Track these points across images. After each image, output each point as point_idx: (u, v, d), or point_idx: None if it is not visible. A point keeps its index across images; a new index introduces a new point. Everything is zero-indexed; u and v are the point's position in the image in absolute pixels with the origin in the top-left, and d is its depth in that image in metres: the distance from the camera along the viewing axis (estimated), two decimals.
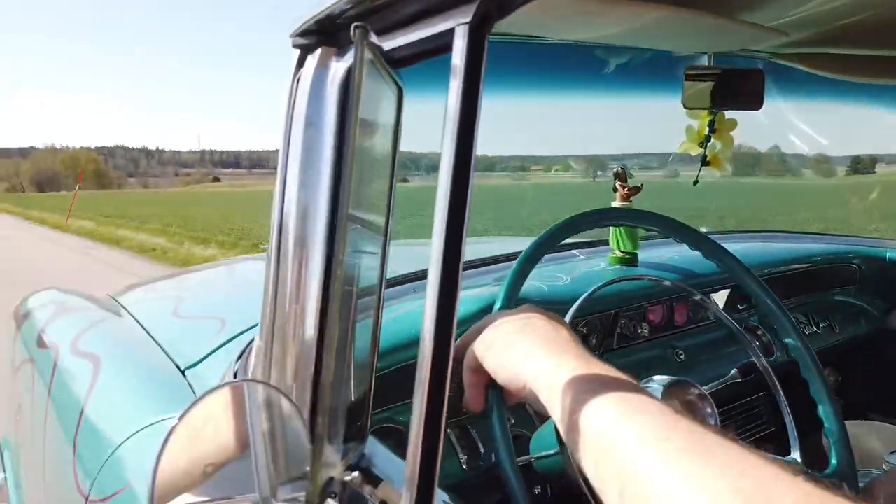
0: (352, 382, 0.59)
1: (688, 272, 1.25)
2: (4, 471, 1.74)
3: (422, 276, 1.15)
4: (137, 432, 0.84)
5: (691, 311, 1.30)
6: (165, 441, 0.46)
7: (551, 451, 0.76)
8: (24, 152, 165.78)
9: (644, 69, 1.21)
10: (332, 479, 0.54)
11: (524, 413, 0.98)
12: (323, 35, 0.63)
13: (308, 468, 0.52)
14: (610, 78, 1.22)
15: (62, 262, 10.53)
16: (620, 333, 1.20)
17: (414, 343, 0.94)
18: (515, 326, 0.61)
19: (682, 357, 1.23)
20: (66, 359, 1.22)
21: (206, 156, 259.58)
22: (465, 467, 0.93)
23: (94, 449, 0.89)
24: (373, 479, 0.57)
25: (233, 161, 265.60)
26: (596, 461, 0.44)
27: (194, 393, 0.93)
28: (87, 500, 0.84)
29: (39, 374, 1.32)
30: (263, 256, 2.34)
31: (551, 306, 1.13)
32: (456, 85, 0.49)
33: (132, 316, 1.43)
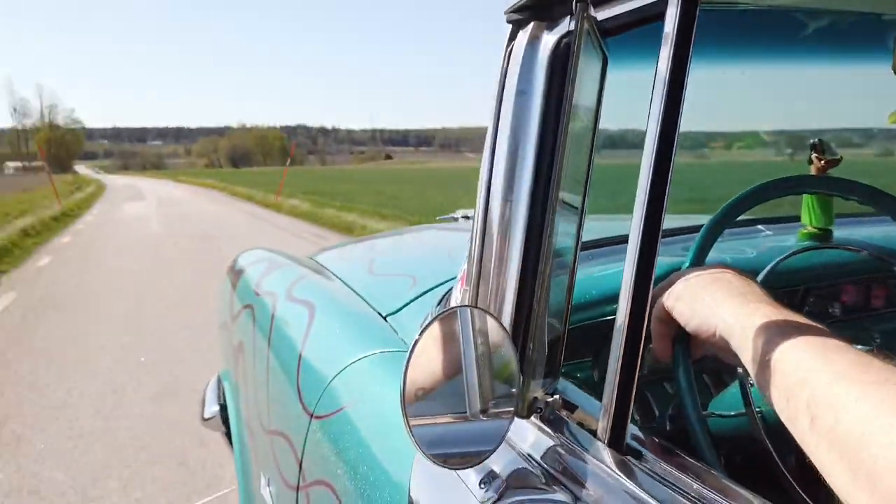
0: (551, 324, 0.66)
1: (892, 252, 1.18)
2: (224, 400, 2.04)
3: (613, 241, 1.18)
4: (353, 363, 0.97)
5: (893, 291, 1.21)
6: (410, 354, 0.56)
7: (732, 413, 0.77)
8: (220, 131, 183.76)
9: (848, 34, 1.13)
10: (536, 398, 0.62)
11: (700, 383, 1.00)
12: (535, 10, 0.69)
13: (515, 389, 0.60)
14: (808, 44, 1.16)
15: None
16: (809, 312, 1.15)
17: (593, 305, 1.00)
18: (707, 280, 0.64)
19: (877, 342, 1.16)
20: (284, 304, 1.41)
21: (376, 134, 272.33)
22: (639, 426, 0.97)
23: (315, 377, 1.04)
24: (570, 405, 0.64)
25: (401, 139, 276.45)
26: (787, 396, 0.46)
27: (397, 334, 1.06)
28: (312, 416, 0.99)
29: (259, 318, 1.54)
30: (445, 226, 2.47)
31: None
32: (666, 53, 0.54)
33: (332, 272, 1.61)
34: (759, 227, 1.42)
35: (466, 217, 2.76)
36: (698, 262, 0.77)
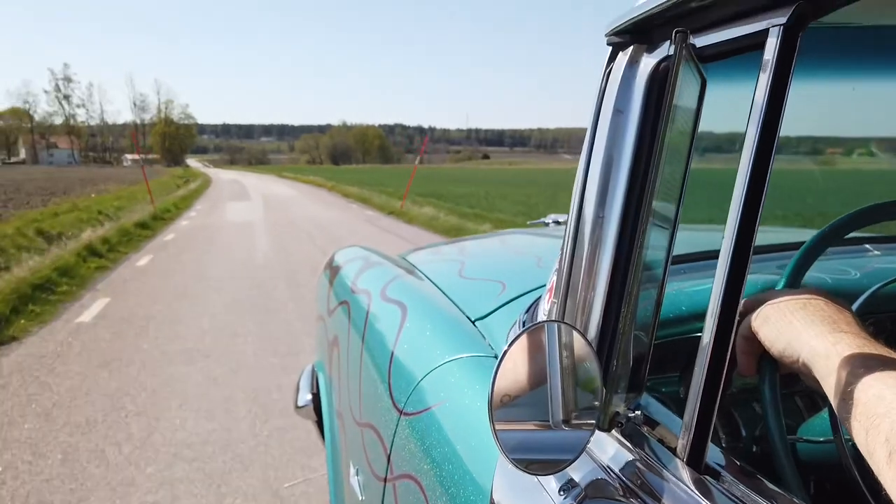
0: (638, 338, 0.68)
1: None
2: (317, 389, 2.15)
3: (701, 257, 1.17)
4: (442, 365, 1.02)
5: None
6: (499, 363, 0.59)
7: (821, 439, 0.76)
8: (321, 129, 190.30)
9: None
10: (617, 412, 0.64)
11: (792, 405, 0.97)
12: (636, 34, 0.70)
13: (597, 403, 0.63)
14: None
15: None
16: None
17: (683, 320, 1.00)
18: (796, 304, 0.63)
19: None
20: (378, 303, 1.48)
21: (472, 134, 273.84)
22: (723, 446, 0.96)
23: (406, 376, 1.10)
24: (651, 421, 0.65)
25: (496, 139, 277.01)
26: (867, 428, 0.46)
27: (484, 339, 1.09)
28: (401, 412, 1.05)
29: (354, 315, 1.61)
30: (535, 231, 2.48)
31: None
32: (765, 80, 0.54)
33: (424, 274, 1.67)
34: (867, 245, 1.35)
35: (557, 222, 2.76)
36: (793, 283, 0.76)
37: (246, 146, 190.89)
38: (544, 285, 1.26)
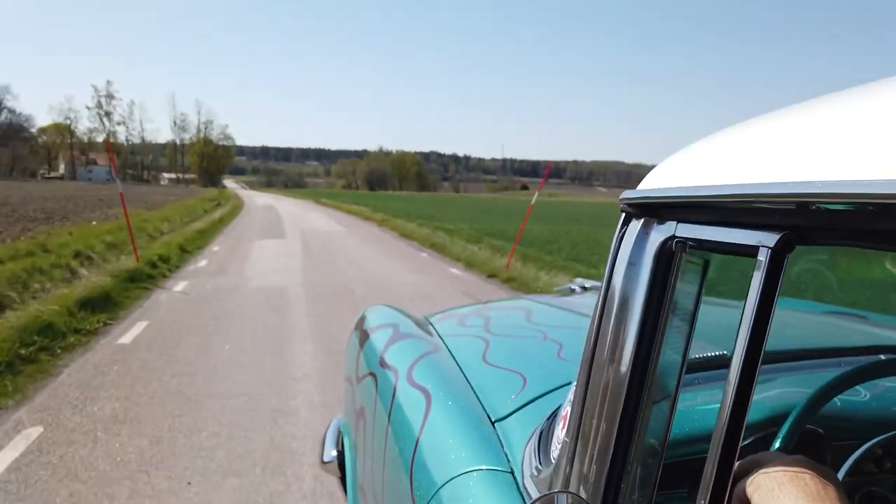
0: (642, 487, 0.73)
1: None
2: (341, 448, 2.21)
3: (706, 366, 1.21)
4: (460, 475, 1.08)
5: None
6: None
7: None
8: (358, 154, 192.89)
9: None
10: None
11: None
12: (646, 208, 0.77)
13: None
14: None
15: None
16: None
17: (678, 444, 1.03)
18: (785, 478, 0.67)
19: None
20: (404, 386, 1.54)
21: (507, 164, 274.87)
22: None
23: (427, 478, 1.16)
24: None
25: (531, 170, 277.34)
26: None
27: (502, 447, 1.15)
28: None
29: (381, 390, 1.68)
30: (556, 301, 2.50)
31: (843, 424, 1.10)
32: (754, 294, 0.59)
33: (449, 351, 1.73)
34: (881, 356, 1.36)
35: (584, 287, 2.78)
36: (787, 443, 0.80)
37: (283, 169, 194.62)
38: (562, 386, 1.31)
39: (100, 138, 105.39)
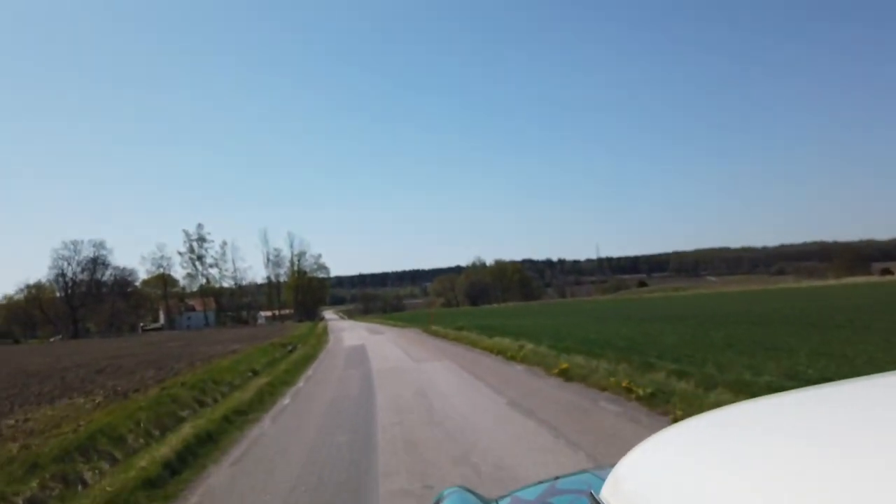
0: None
1: None
2: None
3: None
4: None
5: None
6: None
7: None
8: (454, 271, 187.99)
9: None
10: None
11: None
12: None
13: None
14: None
15: None
16: None
17: None
18: None
19: None
20: None
21: (603, 262, 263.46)
22: None
23: None
24: None
25: (630, 266, 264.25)
26: None
27: None
28: None
29: None
30: None
31: None
32: None
33: None
34: None
35: None
36: None
37: (380, 293, 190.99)
38: None
39: (195, 283, 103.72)
